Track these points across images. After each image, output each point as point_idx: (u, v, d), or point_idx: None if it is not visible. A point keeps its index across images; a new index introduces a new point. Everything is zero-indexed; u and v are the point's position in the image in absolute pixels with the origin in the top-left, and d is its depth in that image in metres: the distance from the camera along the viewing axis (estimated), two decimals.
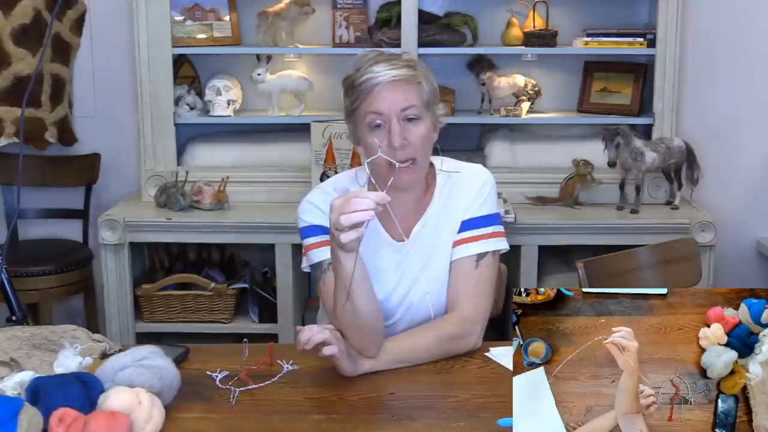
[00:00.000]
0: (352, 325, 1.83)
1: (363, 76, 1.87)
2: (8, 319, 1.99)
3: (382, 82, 1.85)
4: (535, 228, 3.31)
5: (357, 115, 1.90)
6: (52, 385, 1.56)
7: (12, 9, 3.49)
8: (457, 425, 1.62)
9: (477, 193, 2.02)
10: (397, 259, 2.00)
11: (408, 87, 1.88)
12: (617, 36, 3.54)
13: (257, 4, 3.61)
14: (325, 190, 2.01)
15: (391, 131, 1.86)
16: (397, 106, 1.86)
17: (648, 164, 3.37)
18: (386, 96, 1.86)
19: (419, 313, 2.01)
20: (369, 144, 1.89)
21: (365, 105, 1.87)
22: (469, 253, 1.99)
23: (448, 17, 3.63)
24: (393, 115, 1.86)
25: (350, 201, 1.65)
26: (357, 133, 1.93)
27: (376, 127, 1.87)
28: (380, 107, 1.86)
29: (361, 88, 1.87)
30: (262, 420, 1.65)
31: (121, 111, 3.83)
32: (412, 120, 1.88)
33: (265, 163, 3.62)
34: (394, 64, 1.88)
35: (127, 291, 3.40)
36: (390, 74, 1.85)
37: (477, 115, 3.70)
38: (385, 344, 1.88)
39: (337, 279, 1.81)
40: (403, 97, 1.87)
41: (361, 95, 1.87)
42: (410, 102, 1.88)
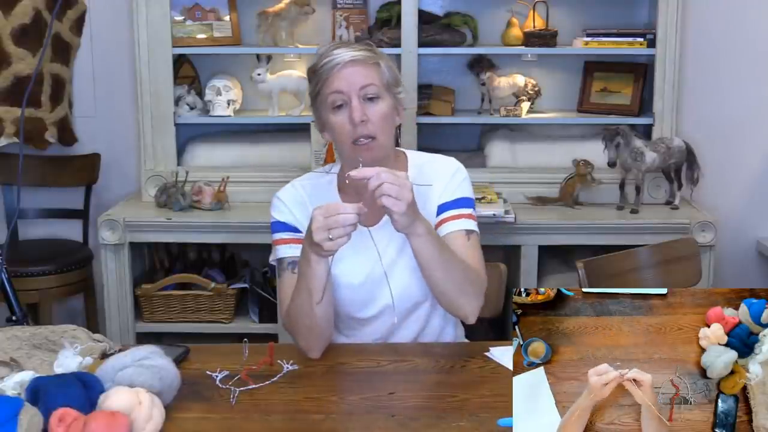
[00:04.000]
0: (303, 325, 1.90)
1: (323, 59, 1.95)
2: (8, 319, 1.99)
3: (341, 62, 1.93)
4: (535, 228, 3.31)
5: (320, 99, 1.97)
6: (52, 385, 1.56)
7: (12, 9, 3.49)
8: (457, 425, 1.62)
9: (451, 177, 2.06)
10: (367, 243, 1.97)
11: (367, 67, 1.95)
12: (617, 36, 3.54)
13: (257, 4, 3.61)
14: (294, 185, 2.09)
15: (351, 108, 1.92)
16: (357, 84, 1.93)
17: (648, 164, 3.37)
18: (345, 75, 1.93)
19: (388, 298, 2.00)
20: (332, 124, 1.96)
21: (326, 86, 1.94)
22: (459, 228, 2.02)
23: (448, 17, 3.63)
24: (353, 93, 1.93)
25: (335, 217, 1.72)
26: (322, 117, 1.99)
27: (338, 107, 1.94)
28: (340, 86, 1.93)
29: (321, 71, 1.94)
30: (262, 420, 1.65)
31: (121, 111, 3.83)
32: (372, 99, 1.94)
33: (265, 163, 3.62)
34: (352, 47, 1.96)
35: (127, 291, 3.40)
36: (349, 54, 1.93)
37: (477, 115, 3.70)
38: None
39: (300, 280, 1.88)
40: (362, 75, 1.94)
41: (322, 77, 1.94)
42: (369, 80, 1.94)
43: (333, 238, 1.74)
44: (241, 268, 3.71)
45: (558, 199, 3.48)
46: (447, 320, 2.12)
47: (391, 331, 2.06)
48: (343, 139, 1.94)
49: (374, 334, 2.07)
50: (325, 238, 1.74)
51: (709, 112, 3.75)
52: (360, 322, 2.07)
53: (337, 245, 1.75)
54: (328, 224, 1.73)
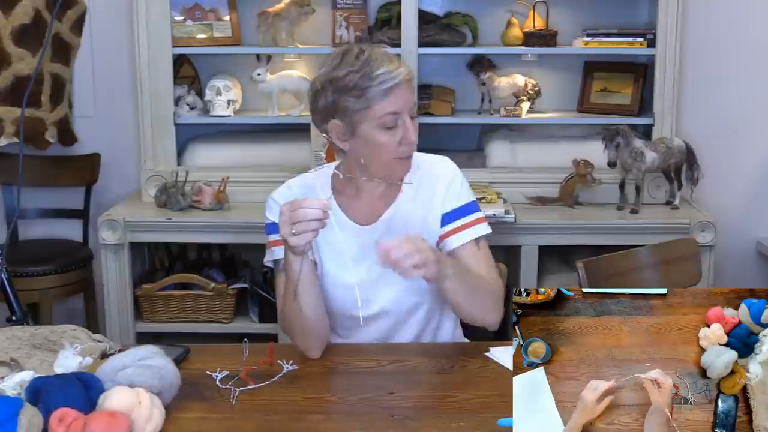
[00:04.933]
0: (297, 325, 1.91)
1: (375, 77, 1.86)
2: (8, 319, 1.99)
3: (399, 83, 1.88)
4: (535, 228, 3.31)
5: (365, 115, 1.88)
6: (52, 385, 1.56)
7: (12, 9, 3.49)
8: (457, 425, 1.62)
9: (449, 185, 2.05)
10: (361, 242, 2.00)
11: (410, 84, 1.93)
12: (617, 36, 3.54)
13: (257, 4, 3.61)
14: (288, 186, 2.08)
15: (406, 128, 1.90)
16: (409, 104, 1.91)
17: (648, 164, 3.37)
18: (400, 95, 1.89)
19: (389, 298, 2.02)
20: (378, 141, 1.90)
21: (382, 106, 1.87)
22: (467, 239, 2.02)
23: (448, 17, 3.63)
24: (405, 113, 1.90)
25: (298, 211, 1.72)
26: (361, 133, 1.91)
27: (389, 128, 1.89)
28: (396, 107, 1.88)
29: (374, 90, 1.86)
30: (262, 420, 1.65)
31: (121, 111, 3.83)
32: (413, 117, 1.94)
33: (265, 163, 3.62)
34: (394, 63, 1.90)
35: (127, 291, 3.40)
36: (401, 73, 1.88)
37: (477, 115, 3.70)
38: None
39: (287, 277, 1.89)
40: (411, 93, 1.93)
41: (375, 96, 1.86)
42: (414, 98, 1.95)
43: (297, 232, 1.73)
44: (241, 268, 3.71)
45: (558, 199, 3.48)
46: (446, 321, 2.12)
47: (390, 333, 2.06)
48: (385, 155, 1.91)
49: (372, 335, 2.06)
50: (289, 232, 1.74)
51: (709, 112, 3.75)
52: (357, 323, 2.06)
53: (301, 240, 1.74)
54: (292, 218, 1.73)
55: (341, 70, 1.88)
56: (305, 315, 1.89)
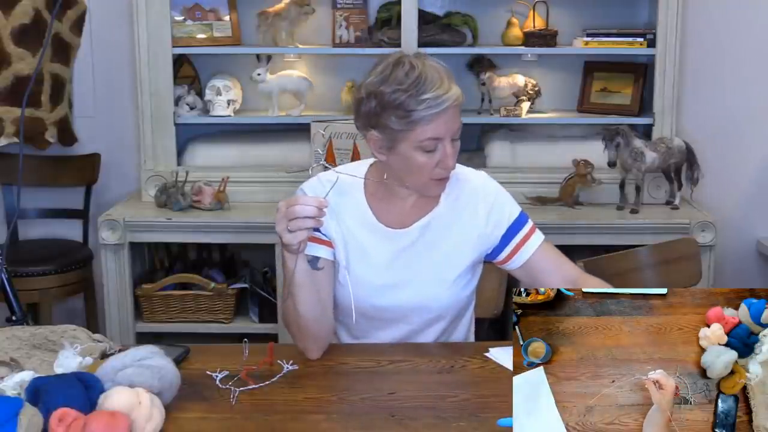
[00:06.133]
0: (295, 325, 1.90)
1: (422, 101, 1.82)
2: (8, 319, 1.99)
3: (446, 109, 1.84)
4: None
5: (406, 136, 1.85)
6: (52, 385, 1.56)
7: (12, 9, 3.48)
8: (457, 425, 1.62)
9: (493, 202, 2.03)
10: (391, 246, 1.99)
11: (458, 109, 1.89)
12: (617, 36, 3.54)
13: (257, 4, 3.61)
14: (320, 179, 2.00)
15: (446, 154, 1.87)
16: (453, 129, 1.88)
17: (648, 164, 3.37)
18: (445, 120, 1.85)
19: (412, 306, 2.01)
20: (415, 161, 1.87)
21: (424, 131, 1.84)
22: (538, 241, 2.04)
23: (448, 17, 3.63)
24: (448, 137, 1.87)
25: (293, 208, 1.70)
26: (400, 150, 1.88)
27: (430, 150, 1.86)
28: (438, 132, 1.85)
29: (421, 113, 1.82)
30: (262, 420, 1.65)
31: (121, 111, 3.83)
32: (455, 139, 1.90)
33: (265, 163, 3.62)
34: (443, 85, 1.85)
35: (127, 291, 3.40)
36: (450, 98, 1.84)
37: (477, 115, 3.70)
38: None
39: (283, 275, 1.88)
40: (457, 120, 1.88)
41: (420, 120, 1.83)
42: (459, 123, 1.90)
43: (292, 230, 1.71)
44: (241, 268, 3.71)
45: (558, 199, 3.48)
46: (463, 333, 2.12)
47: (404, 341, 2.04)
48: (421, 176, 1.89)
49: (386, 341, 2.04)
50: (284, 229, 1.73)
51: (709, 111, 3.75)
52: (375, 326, 2.05)
53: (295, 238, 1.72)
54: (287, 215, 1.71)
55: (389, 85, 1.83)
56: (301, 314, 1.88)
